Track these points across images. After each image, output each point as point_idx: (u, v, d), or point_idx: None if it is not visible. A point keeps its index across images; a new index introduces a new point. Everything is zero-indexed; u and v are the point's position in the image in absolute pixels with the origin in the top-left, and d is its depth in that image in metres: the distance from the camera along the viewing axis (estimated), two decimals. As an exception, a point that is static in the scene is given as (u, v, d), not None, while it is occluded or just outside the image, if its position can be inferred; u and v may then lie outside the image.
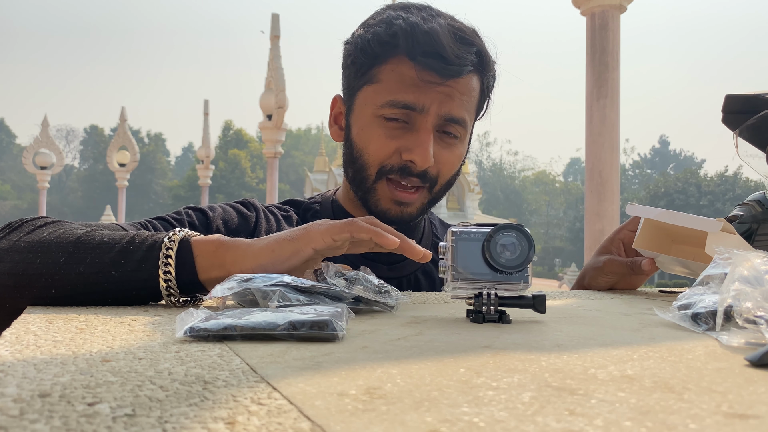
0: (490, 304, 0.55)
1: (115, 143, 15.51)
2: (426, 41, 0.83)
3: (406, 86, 0.86)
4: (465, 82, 0.88)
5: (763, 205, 1.01)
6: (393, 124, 0.87)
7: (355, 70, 0.91)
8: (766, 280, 0.47)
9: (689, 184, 34.21)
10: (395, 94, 0.86)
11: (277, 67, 10.76)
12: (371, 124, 0.89)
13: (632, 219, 0.98)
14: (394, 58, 0.87)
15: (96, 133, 49.43)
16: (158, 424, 0.25)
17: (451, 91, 0.86)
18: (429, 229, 1.06)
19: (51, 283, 0.62)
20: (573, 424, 0.26)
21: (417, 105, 0.86)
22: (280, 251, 0.64)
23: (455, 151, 0.91)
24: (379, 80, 0.88)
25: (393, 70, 0.87)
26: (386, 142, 0.88)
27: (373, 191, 0.91)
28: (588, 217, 5.49)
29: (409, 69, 0.85)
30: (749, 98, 1.00)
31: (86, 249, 0.63)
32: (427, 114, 0.86)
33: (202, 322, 0.46)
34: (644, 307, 0.71)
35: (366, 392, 0.30)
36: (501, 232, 0.56)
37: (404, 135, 0.87)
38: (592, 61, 5.43)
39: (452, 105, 0.87)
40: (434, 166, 0.89)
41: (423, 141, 0.86)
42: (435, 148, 0.88)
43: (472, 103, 0.91)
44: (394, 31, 0.85)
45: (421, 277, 0.99)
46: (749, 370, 0.37)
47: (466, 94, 0.89)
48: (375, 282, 0.62)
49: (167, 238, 0.63)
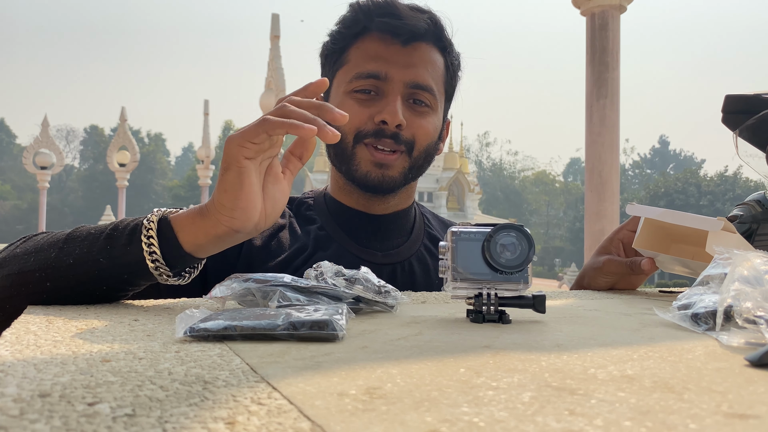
0: (490, 304, 0.55)
1: (115, 143, 15.51)
2: (383, 9, 0.93)
3: (370, 58, 0.94)
4: (424, 50, 0.95)
5: (763, 205, 1.01)
6: (363, 95, 0.95)
7: (330, 62, 1.00)
8: (766, 280, 0.47)
9: (689, 184, 34.22)
10: (360, 67, 0.94)
11: (277, 67, 10.77)
12: (344, 100, 0.96)
13: (632, 219, 0.98)
14: (359, 38, 0.96)
15: (96, 133, 49.44)
16: (158, 424, 0.25)
17: (412, 59, 0.94)
18: (421, 220, 1.08)
19: (45, 277, 0.64)
20: (573, 424, 0.26)
21: (381, 73, 0.93)
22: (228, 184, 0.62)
23: (428, 119, 0.97)
24: (348, 61, 0.97)
25: (359, 48, 0.96)
26: (359, 110, 0.94)
27: (353, 156, 0.95)
28: (588, 217, 5.49)
29: (373, 43, 0.94)
30: (749, 98, 1.00)
31: (75, 242, 0.65)
32: (391, 81, 0.93)
33: (202, 322, 0.46)
34: (644, 307, 0.71)
35: (366, 392, 0.30)
36: (501, 232, 0.56)
37: (375, 103, 0.94)
38: (592, 61, 5.43)
39: (416, 72, 0.94)
40: (407, 129, 0.94)
41: (390, 102, 0.93)
42: (407, 114, 0.94)
43: (438, 75, 0.98)
44: (355, 10, 0.96)
45: (416, 264, 1.01)
46: (749, 370, 0.37)
47: (429, 63, 0.96)
48: (375, 282, 0.62)
49: (146, 219, 0.65)
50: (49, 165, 14.92)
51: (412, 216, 1.06)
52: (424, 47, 0.95)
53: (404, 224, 1.03)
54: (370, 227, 1.00)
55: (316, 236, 0.97)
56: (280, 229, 0.96)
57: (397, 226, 1.02)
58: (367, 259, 0.97)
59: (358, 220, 0.99)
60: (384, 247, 0.99)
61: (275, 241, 0.94)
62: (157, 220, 0.64)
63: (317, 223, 0.99)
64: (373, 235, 1.00)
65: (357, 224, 0.99)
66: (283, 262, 0.92)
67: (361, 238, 0.99)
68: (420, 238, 1.05)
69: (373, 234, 1.00)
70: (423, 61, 0.94)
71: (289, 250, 0.93)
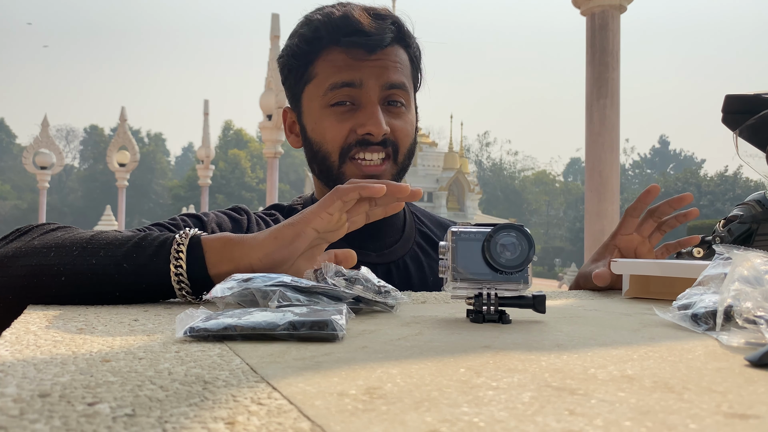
0: (490, 304, 0.55)
1: (115, 143, 15.50)
2: (344, 24, 0.92)
3: (340, 68, 0.93)
4: (392, 53, 0.96)
5: (763, 205, 1.01)
6: (340, 108, 0.94)
7: (294, 77, 1.00)
8: (766, 280, 0.47)
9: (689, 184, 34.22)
10: (332, 79, 0.94)
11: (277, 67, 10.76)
12: (321, 116, 0.96)
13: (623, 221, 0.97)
14: (322, 52, 0.95)
15: (96, 133, 49.43)
16: (158, 424, 0.25)
17: (382, 62, 0.94)
18: (411, 218, 1.09)
19: (62, 272, 0.63)
20: (573, 424, 0.26)
21: (355, 80, 0.93)
22: (282, 237, 0.65)
23: (405, 118, 0.98)
24: (316, 74, 0.96)
25: (325, 60, 0.95)
26: (339, 126, 0.94)
27: (341, 176, 0.95)
28: (588, 217, 5.49)
29: (339, 54, 0.94)
30: (749, 98, 1.00)
31: (99, 244, 0.66)
32: (367, 87, 0.93)
33: (202, 322, 0.46)
34: (644, 307, 0.71)
35: (366, 392, 0.30)
36: (501, 232, 0.56)
37: (354, 115, 0.94)
38: (592, 61, 5.43)
39: (389, 73, 0.95)
40: (390, 133, 0.95)
41: (372, 113, 0.93)
42: (386, 118, 0.94)
43: (406, 72, 0.99)
44: (314, 26, 0.94)
45: (410, 262, 1.02)
46: (749, 370, 0.37)
47: (398, 63, 0.97)
48: (375, 282, 0.62)
49: (178, 235, 0.66)
50: (49, 165, 14.92)
51: (401, 214, 1.07)
52: (390, 49, 0.96)
53: (395, 222, 1.04)
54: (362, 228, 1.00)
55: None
56: None
57: (388, 225, 1.03)
58: (361, 259, 0.97)
59: None
60: (377, 247, 1.00)
61: None
62: (189, 237, 0.65)
63: None
64: (365, 236, 1.00)
65: None
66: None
67: (353, 239, 0.99)
68: (412, 236, 1.05)
69: (365, 234, 1.00)
70: (393, 62, 0.95)
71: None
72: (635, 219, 0.96)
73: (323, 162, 0.97)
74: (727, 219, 1.04)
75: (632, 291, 0.84)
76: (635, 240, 0.96)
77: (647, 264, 0.82)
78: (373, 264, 0.97)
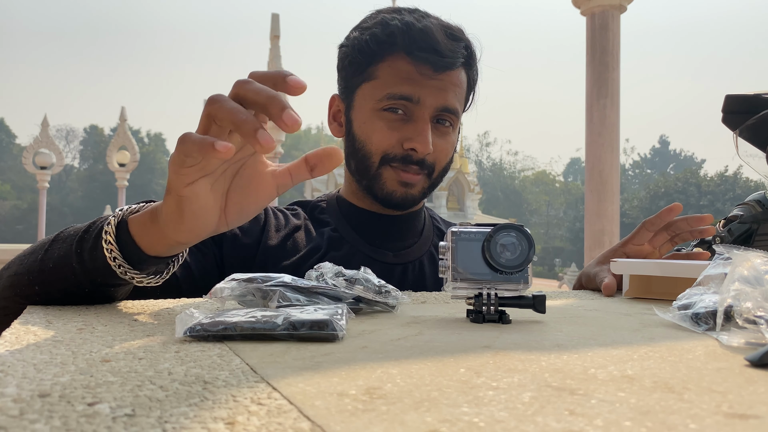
0: (490, 304, 0.55)
1: (115, 143, 15.50)
2: (422, 38, 0.91)
3: (403, 80, 0.92)
4: (455, 75, 0.95)
5: (763, 205, 1.01)
6: (392, 116, 0.94)
7: (352, 70, 0.97)
8: (765, 280, 0.47)
9: (689, 184, 34.24)
10: (392, 88, 0.93)
11: (277, 67, 10.76)
12: (372, 117, 0.95)
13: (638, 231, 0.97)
14: (390, 55, 0.93)
15: (96, 133, 49.43)
16: (158, 424, 0.25)
17: (444, 84, 0.93)
18: (430, 221, 1.10)
19: (32, 281, 0.63)
20: (573, 424, 0.26)
21: (414, 96, 0.92)
22: (168, 210, 0.56)
23: (449, 139, 0.98)
24: (377, 77, 0.94)
25: (390, 66, 0.93)
26: (388, 133, 0.94)
27: (378, 176, 0.96)
28: (588, 217, 5.49)
29: (405, 64, 0.92)
30: (749, 98, 1.00)
31: (56, 244, 0.63)
32: (423, 105, 0.93)
33: (201, 322, 0.46)
34: (644, 307, 0.71)
35: (366, 392, 0.30)
36: (501, 232, 0.56)
37: (404, 126, 0.94)
38: (592, 61, 5.43)
39: (446, 96, 0.94)
40: (432, 153, 0.95)
41: (422, 130, 0.93)
42: (431, 137, 0.94)
43: (462, 95, 0.98)
44: (391, 30, 0.93)
45: (426, 263, 1.03)
46: (749, 370, 0.37)
47: (458, 86, 0.96)
48: (375, 282, 0.62)
49: (107, 222, 0.62)
50: (48, 165, 14.91)
51: (422, 217, 1.08)
52: (455, 72, 0.95)
53: (416, 225, 1.05)
54: (383, 228, 1.02)
55: (329, 237, 0.98)
56: (296, 230, 0.98)
57: (408, 227, 1.04)
58: (378, 259, 0.98)
59: (371, 222, 1.01)
60: (395, 248, 1.01)
61: (290, 241, 0.95)
62: (116, 223, 0.61)
63: (330, 225, 1.00)
64: (385, 236, 1.01)
65: (369, 225, 1.01)
66: (297, 261, 0.93)
67: (373, 239, 1.01)
68: (430, 238, 1.07)
69: (385, 235, 1.01)
70: (453, 85, 0.94)
71: (303, 251, 0.95)
72: (650, 233, 0.96)
73: (362, 161, 0.96)
74: (727, 219, 1.04)
75: (632, 291, 0.84)
76: (645, 250, 0.97)
77: (647, 264, 0.82)
78: (390, 264, 0.98)
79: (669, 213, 0.95)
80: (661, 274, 0.80)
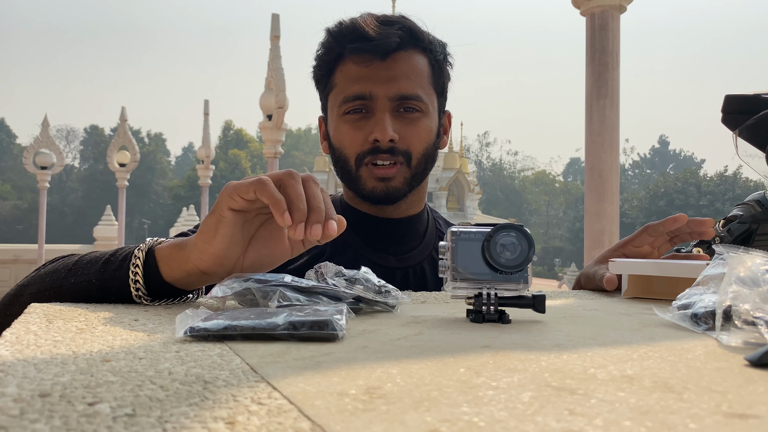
0: (490, 304, 0.55)
1: (115, 143, 15.49)
2: (350, 31, 0.95)
3: (353, 81, 0.96)
4: (405, 59, 0.96)
5: (763, 205, 1.01)
6: (355, 116, 0.97)
7: (321, 87, 1.04)
8: (762, 281, 0.47)
9: (689, 184, 34.22)
10: (346, 91, 0.97)
11: (277, 67, 10.75)
12: (339, 123, 0.99)
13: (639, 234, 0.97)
14: (340, 63, 0.99)
15: (96, 133, 49.41)
16: (158, 424, 0.25)
17: (394, 73, 0.95)
18: (433, 225, 1.11)
19: (53, 296, 0.68)
20: (573, 424, 0.26)
21: (365, 93, 0.95)
22: (205, 228, 0.63)
23: (420, 125, 0.99)
24: (335, 84, 1.00)
25: (341, 72, 0.98)
26: (355, 133, 0.97)
27: (358, 178, 0.99)
28: (588, 217, 5.49)
29: (353, 66, 0.96)
30: (749, 98, 1.00)
31: (80, 265, 0.70)
32: (377, 98, 0.95)
33: (202, 322, 0.46)
34: (644, 307, 0.71)
35: (366, 392, 0.30)
36: (501, 232, 0.56)
37: (367, 123, 0.97)
38: (592, 61, 5.43)
39: (398, 85, 0.96)
40: (401, 141, 0.97)
41: (379, 120, 0.95)
42: (397, 126, 0.96)
43: (423, 78, 0.99)
44: (330, 36, 0.98)
45: (427, 267, 1.04)
46: (749, 370, 0.37)
47: (412, 71, 0.97)
48: (375, 282, 0.62)
49: (138, 249, 0.68)
50: (49, 165, 14.91)
51: (425, 220, 1.08)
52: (403, 55, 0.96)
53: (418, 228, 1.06)
54: (385, 232, 1.03)
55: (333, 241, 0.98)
56: None
57: (410, 231, 1.05)
58: (381, 263, 0.99)
59: (374, 226, 1.02)
60: (398, 252, 1.02)
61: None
62: (146, 249, 0.67)
63: None
64: (387, 240, 1.03)
65: (372, 229, 1.02)
66: (303, 265, 0.95)
67: (376, 243, 1.02)
68: (432, 242, 1.07)
69: (387, 238, 1.03)
70: (404, 72, 0.96)
71: (308, 255, 0.97)
72: (651, 238, 0.95)
73: (343, 166, 1.00)
74: (727, 219, 1.04)
75: (632, 291, 0.84)
76: (644, 251, 0.97)
77: (646, 264, 0.82)
78: (392, 268, 1.00)
79: (673, 223, 0.93)
80: (659, 274, 0.80)
